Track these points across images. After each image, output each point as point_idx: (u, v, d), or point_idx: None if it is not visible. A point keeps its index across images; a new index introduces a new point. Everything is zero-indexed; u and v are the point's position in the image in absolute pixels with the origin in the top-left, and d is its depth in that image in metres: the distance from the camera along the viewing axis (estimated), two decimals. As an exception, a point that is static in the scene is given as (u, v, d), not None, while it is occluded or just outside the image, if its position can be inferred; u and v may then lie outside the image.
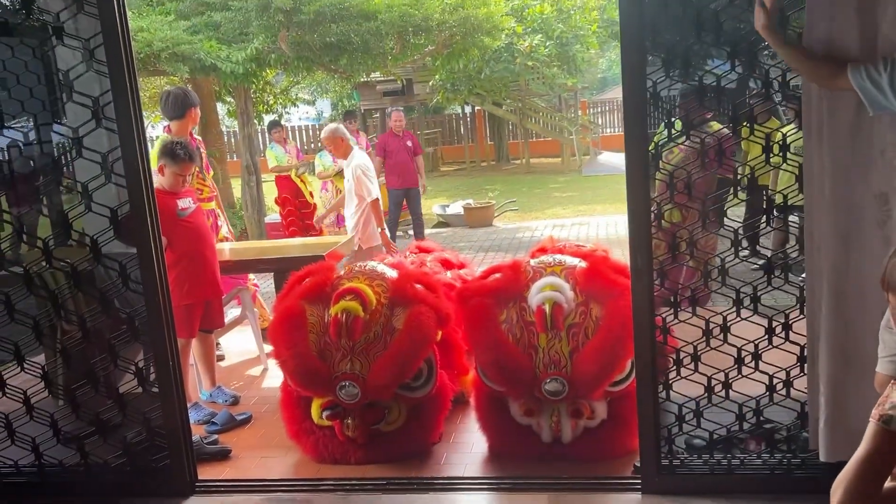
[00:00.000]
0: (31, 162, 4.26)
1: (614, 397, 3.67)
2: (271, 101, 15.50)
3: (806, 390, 3.07)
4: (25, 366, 3.57)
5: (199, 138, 5.72)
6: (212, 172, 5.77)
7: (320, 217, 8.76)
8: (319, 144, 11.21)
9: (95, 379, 3.60)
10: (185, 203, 4.36)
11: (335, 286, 3.83)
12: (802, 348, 3.08)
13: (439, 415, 3.96)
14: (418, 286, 3.88)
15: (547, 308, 3.52)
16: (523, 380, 3.58)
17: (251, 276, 5.69)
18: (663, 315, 3.19)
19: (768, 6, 2.74)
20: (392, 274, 3.98)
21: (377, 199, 6.50)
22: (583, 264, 3.76)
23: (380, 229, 6.63)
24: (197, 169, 4.99)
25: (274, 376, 4.99)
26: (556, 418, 3.62)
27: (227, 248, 5.39)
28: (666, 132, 3.17)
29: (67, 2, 3.29)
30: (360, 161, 6.58)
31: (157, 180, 4.09)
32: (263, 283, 6.03)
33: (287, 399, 3.97)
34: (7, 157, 3.96)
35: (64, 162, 3.68)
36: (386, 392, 3.72)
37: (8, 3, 3.81)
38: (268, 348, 5.26)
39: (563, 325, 3.55)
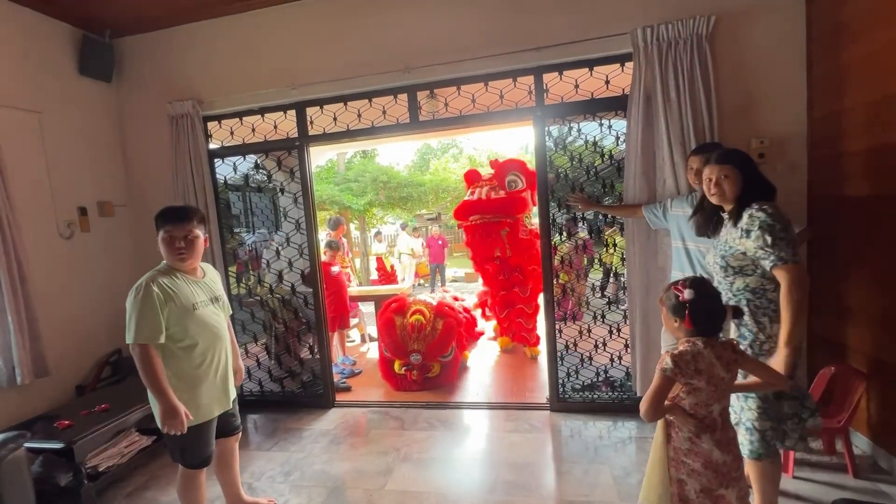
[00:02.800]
0: (265, 248, 4.35)
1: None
2: (375, 222, 15.76)
3: (629, 362, 3.01)
4: (258, 343, 3.59)
5: (345, 240, 5.86)
6: (350, 255, 5.90)
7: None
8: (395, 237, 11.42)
9: (289, 349, 3.61)
10: (335, 269, 4.39)
11: (409, 307, 3.90)
12: (626, 341, 3.03)
13: (455, 368, 3.87)
14: (447, 308, 3.94)
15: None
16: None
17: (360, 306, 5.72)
18: (558, 326, 3.16)
19: (578, 201, 2.84)
20: (434, 302, 4.05)
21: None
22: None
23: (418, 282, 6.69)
24: (342, 252, 5.11)
25: (373, 353, 4.95)
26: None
27: (353, 290, 5.41)
28: (559, 237, 3.22)
29: (286, 177, 3.44)
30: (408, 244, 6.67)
31: (323, 257, 4.15)
32: (367, 308, 6.01)
33: (382, 360, 3.94)
34: (255, 246, 4.06)
35: (280, 248, 3.79)
36: (433, 358, 3.71)
37: (259, 177, 3.95)
38: (368, 344, 5.25)
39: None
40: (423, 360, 3.70)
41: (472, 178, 4.53)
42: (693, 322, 1.56)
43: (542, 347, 4.34)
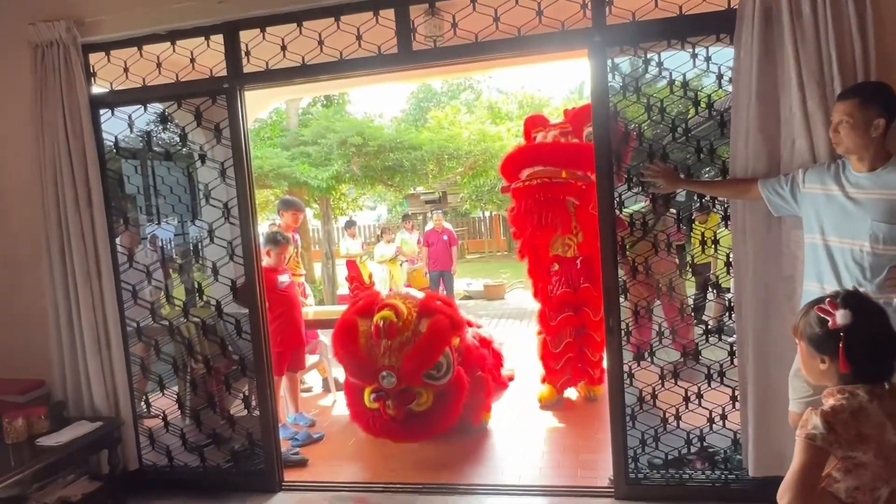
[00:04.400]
0: (177, 247, 4.40)
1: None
2: (344, 207, 15.77)
3: (737, 422, 3.01)
4: (165, 392, 3.64)
5: (298, 235, 5.90)
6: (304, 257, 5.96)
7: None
8: (378, 236, 11.41)
9: (213, 402, 3.65)
10: (284, 278, 4.43)
11: (379, 304, 3.87)
12: (734, 390, 3.03)
13: (458, 399, 3.89)
14: (437, 303, 4.00)
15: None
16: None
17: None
18: (629, 364, 3.16)
19: (659, 175, 2.85)
20: (420, 295, 4.11)
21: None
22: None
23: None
24: (294, 253, 5.21)
25: (340, 406, 4.98)
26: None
27: (310, 311, 5.46)
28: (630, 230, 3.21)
29: (209, 136, 3.48)
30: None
31: (265, 261, 4.19)
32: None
33: (349, 390, 4.03)
34: (162, 244, 4.11)
35: (200, 247, 3.82)
36: (414, 377, 3.69)
37: (167, 137, 4.01)
38: (334, 395, 5.30)
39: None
40: (401, 380, 3.66)
41: (534, 122, 4.73)
42: (851, 361, 1.56)
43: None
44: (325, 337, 5.64)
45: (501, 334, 8.02)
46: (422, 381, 3.73)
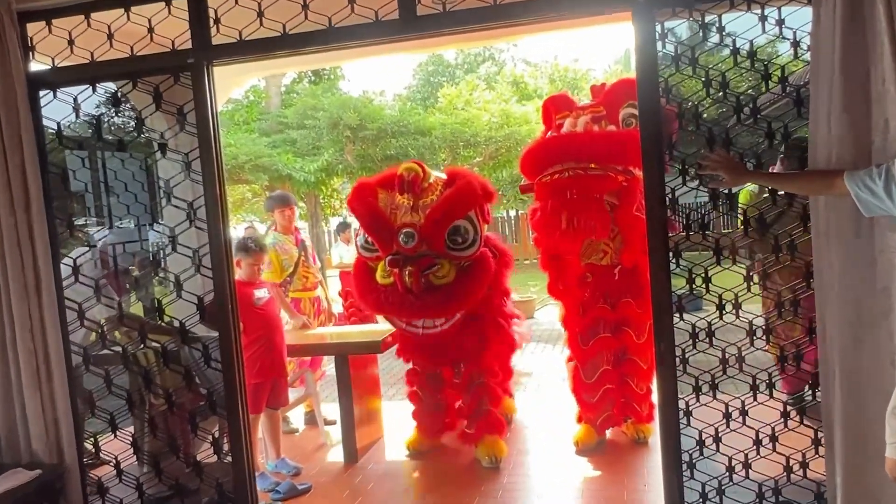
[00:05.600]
0: (133, 256, 4.44)
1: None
2: (337, 206, 15.88)
3: (822, 472, 2.98)
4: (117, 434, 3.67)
5: (303, 236, 5.98)
6: (318, 264, 6.06)
7: None
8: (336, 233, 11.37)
9: (177, 448, 3.67)
10: (261, 293, 4.46)
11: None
12: (816, 431, 3.01)
13: (482, 278, 4.23)
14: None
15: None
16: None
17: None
18: (686, 399, 3.15)
19: (721, 165, 2.84)
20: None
21: None
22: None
23: None
24: (303, 260, 5.51)
25: (334, 452, 5.00)
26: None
27: (291, 334, 5.49)
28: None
29: (171, 122, 3.52)
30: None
31: (237, 273, 4.22)
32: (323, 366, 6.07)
33: (358, 266, 4.46)
34: (113, 253, 4.16)
35: (161, 256, 3.85)
36: (437, 236, 4.09)
37: (121, 123, 4.05)
38: (328, 428, 5.32)
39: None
40: (421, 241, 4.05)
41: (557, 105, 4.67)
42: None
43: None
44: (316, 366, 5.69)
45: (530, 363, 8.02)
46: (444, 248, 4.11)
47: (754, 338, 3.13)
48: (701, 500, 3.18)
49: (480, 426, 4.58)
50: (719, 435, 3.15)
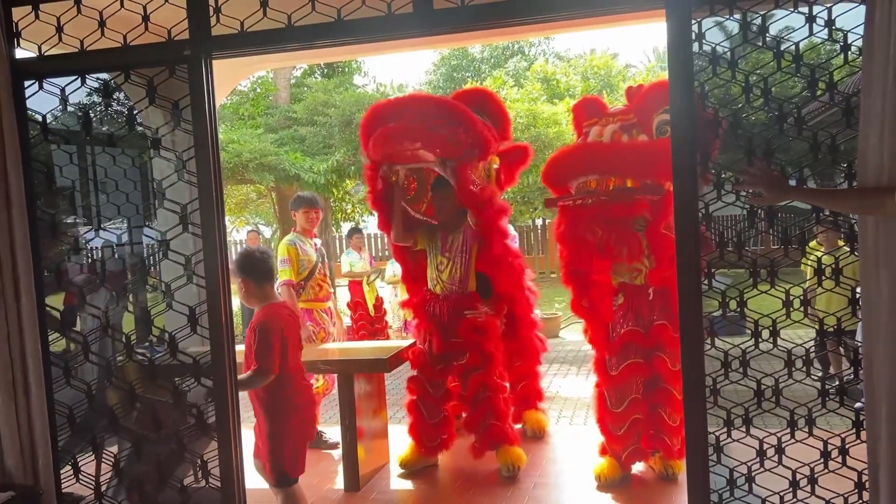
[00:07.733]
0: (123, 261, 4.46)
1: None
2: (349, 210, 15.90)
3: (866, 518, 2.95)
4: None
5: (319, 241, 6.06)
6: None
7: None
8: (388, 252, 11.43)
9: (163, 471, 3.67)
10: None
11: None
12: (860, 473, 2.97)
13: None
14: None
15: None
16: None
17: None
18: (716, 433, 3.13)
19: (762, 180, 2.82)
20: None
21: None
22: None
23: None
24: (320, 268, 5.57)
25: (335, 478, 4.99)
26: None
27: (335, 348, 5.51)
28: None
29: (166, 117, 3.55)
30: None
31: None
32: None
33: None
34: (101, 257, 4.17)
35: (153, 261, 3.86)
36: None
37: (113, 114, 4.07)
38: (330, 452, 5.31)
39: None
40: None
41: (587, 110, 4.66)
42: None
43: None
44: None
45: (554, 386, 7.99)
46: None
47: (793, 368, 3.10)
48: (731, 547, 3.15)
49: (484, 441, 4.75)
50: (752, 474, 3.12)
